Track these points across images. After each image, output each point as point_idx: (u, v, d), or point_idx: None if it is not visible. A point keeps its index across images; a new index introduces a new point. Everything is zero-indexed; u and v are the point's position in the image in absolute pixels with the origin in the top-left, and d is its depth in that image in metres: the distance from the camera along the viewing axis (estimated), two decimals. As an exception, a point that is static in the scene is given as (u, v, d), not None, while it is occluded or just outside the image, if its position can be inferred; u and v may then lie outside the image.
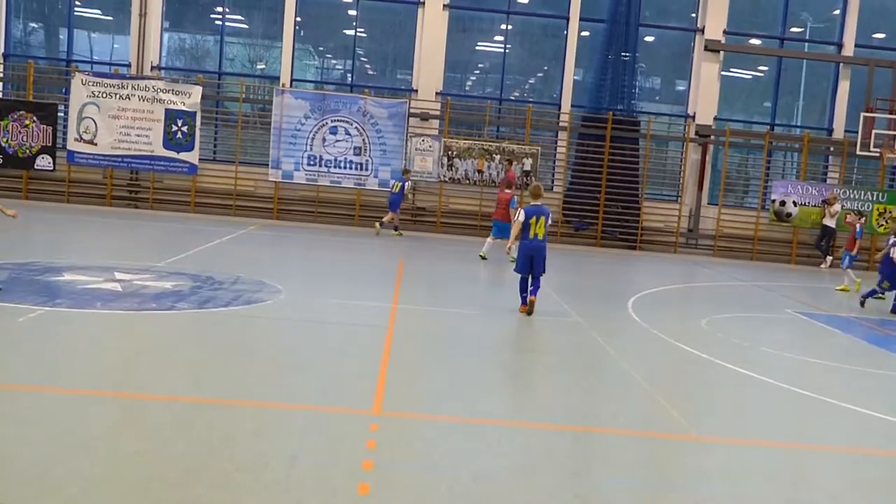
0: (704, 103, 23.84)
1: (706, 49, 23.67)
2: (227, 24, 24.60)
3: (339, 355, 8.41)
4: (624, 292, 14.49)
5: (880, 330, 12.79)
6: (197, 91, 22.21)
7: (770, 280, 18.17)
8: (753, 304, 14.69)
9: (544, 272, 11.24)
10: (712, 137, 23.78)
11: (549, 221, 11.17)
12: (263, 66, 25.50)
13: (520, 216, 11.17)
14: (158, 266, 12.72)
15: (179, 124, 22.12)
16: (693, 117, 23.93)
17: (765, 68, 25.68)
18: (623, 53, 23.45)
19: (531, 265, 11.08)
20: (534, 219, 11.02)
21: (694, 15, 24.29)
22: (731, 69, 25.25)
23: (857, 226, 17.48)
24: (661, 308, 13.51)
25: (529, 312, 11.04)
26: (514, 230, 11.43)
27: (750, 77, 26.38)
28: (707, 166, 23.78)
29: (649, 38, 25.00)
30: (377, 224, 21.06)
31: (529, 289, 11.18)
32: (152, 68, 23.25)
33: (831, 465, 6.47)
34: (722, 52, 23.93)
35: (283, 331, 9.39)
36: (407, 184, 21.02)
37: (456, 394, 7.39)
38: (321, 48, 26.20)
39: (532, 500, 5.07)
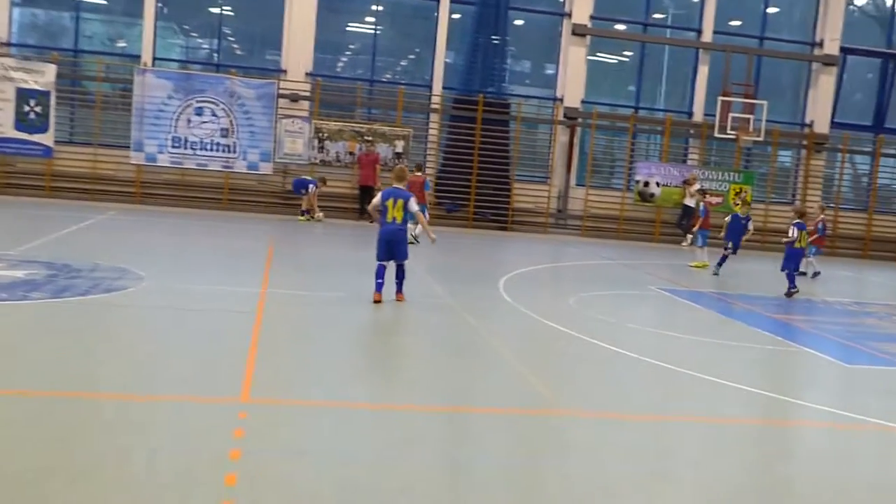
0: (572, 87, 24.30)
1: (573, 33, 24.11)
2: (83, -1, 23.46)
3: (205, 343, 8.15)
4: (495, 273, 14.64)
5: (737, 304, 13.37)
6: (51, 69, 21.09)
7: (635, 258, 18.74)
8: (619, 282, 15.11)
9: (406, 258, 10.81)
10: (580, 120, 24.29)
11: (412, 206, 10.54)
12: (125, 45, 24.44)
13: (376, 199, 10.75)
14: (10, 254, 12.01)
15: (32, 104, 20.95)
16: (561, 100, 24.37)
17: (629, 53, 26.39)
18: (493, 36, 23.63)
19: (390, 251, 10.62)
20: (391, 201, 10.46)
21: (561, 0, 24.70)
22: (598, 53, 25.83)
23: (703, 205, 18.38)
24: (532, 287, 13.73)
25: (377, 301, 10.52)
26: (372, 211, 11.09)
27: (615, 61, 27.07)
28: (575, 148, 24.28)
29: (519, 22, 25.27)
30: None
31: (395, 282, 10.72)
32: (1, 45, 21.93)
33: (692, 435, 6.69)
34: (588, 37, 24.44)
35: (146, 319, 9.03)
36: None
37: (326, 378, 7.28)
38: (186, 26, 25.32)
39: (403, 483, 5.04)
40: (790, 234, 14.80)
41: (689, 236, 22.89)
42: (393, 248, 10.60)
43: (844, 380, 9.19)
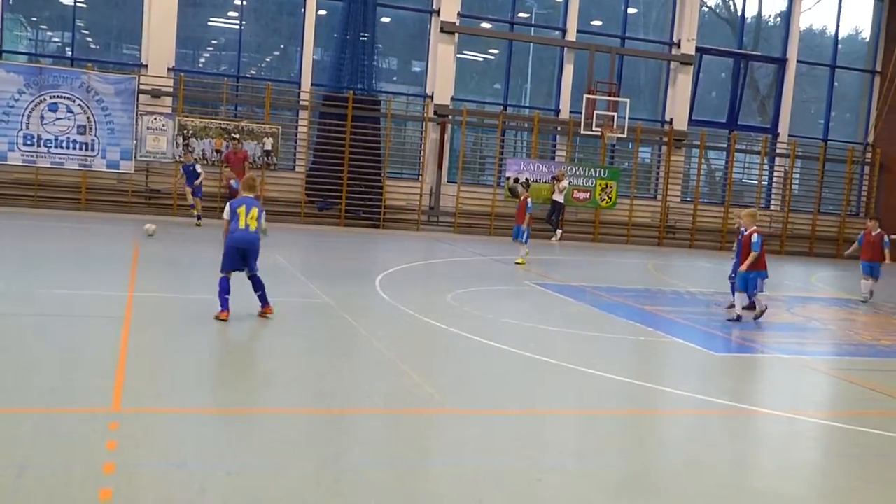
0: (441, 84, 24.40)
1: (442, 31, 24.20)
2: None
3: (69, 351, 7.69)
4: (371, 271, 14.51)
5: (607, 297, 13.70)
6: None
7: (507, 254, 18.94)
8: (494, 278, 15.24)
9: (253, 269, 9.60)
10: (450, 117, 24.42)
11: (263, 218, 9.60)
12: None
13: (225, 212, 9.55)
14: None
15: None
16: (431, 97, 24.44)
17: (496, 51, 26.72)
18: (362, 33, 23.45)
19: (243, 260, 9.50)
20: (243, 208, 9.40)
21: (429, -3, 24.77)
22: (465, 51, 26.03)
23: (529, 201, 17.30)
24: (409, 285, 13.67)
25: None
26: (224, 226, 9.65)
27: (482, 59, 27.36)
28: (446, 145, 24.40)
29: (386, 19, 25.18)
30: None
31: (256, 296, 9.61)
32: None
33: (572, 427, 6.77)
34: (457, 35, 24.59)
35: (4, 326, 8.45)
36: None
37: (202, 384, 7.00)
38: (34, 18, 24.01)
39: (291, 490, 4.87)
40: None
41: (559, 231, 23.40)
42: (248, 256, 9.49)
43: (711, 367, 9.53)
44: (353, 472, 5.27)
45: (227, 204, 9.65)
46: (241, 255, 9.46)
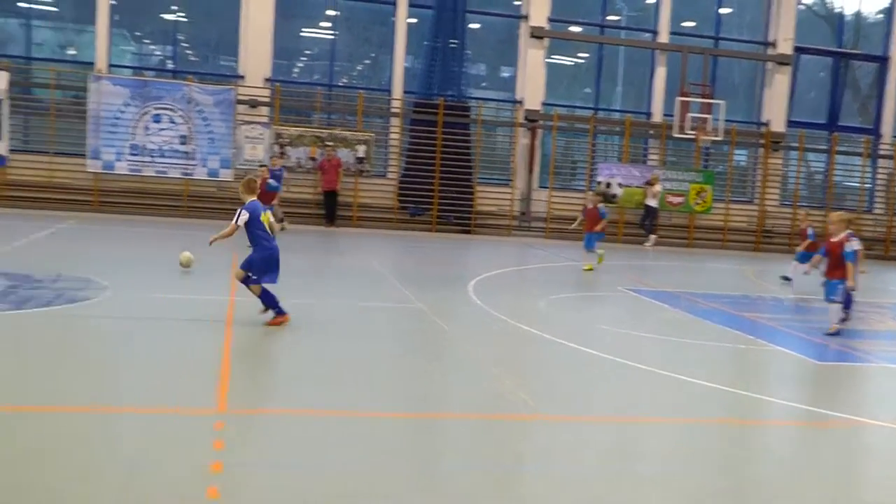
0: (531, 89, 24.37)
1: (532, 36, 24.18)
2: (33, 6, 22.98)
3: (176, 353, 7.97)
4: (463, 276, 14.58)
5: (703, 303, 13.46)
6: (3, 77, 20.62)
7: (599, 259, 18.81)
8: (587, 284, 15.14)
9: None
10: (540, 122, 24.36)
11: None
12: (75, 52, 24.01)
13: (242, 218, 9.23)
14: (-33, 266, 11.70)
15: (-16, 113, 20.49)
16: (521, 103, 24.42)
17: (586, 55, 26.54)
18: (451, 40, 23.60)
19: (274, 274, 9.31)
20: (265, 214, 9.34)
21: (518, 3, 24.75)
22: (554, 56, 25.94)
23: (601, 206, 17.11)
24: (501, 290, 13.69)
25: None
26: (229, 230, 9.39)
27: (572, 63, 27.22)
28: (536, 151, 24.35)
29: (475, 25, 25.28)
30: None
31: (247, 284, 9.34)
32: (-50, 52, 21.42)
33: (668, 435, 6.68)
34: (546, 39, 24.53)
35: (112, 330, 8.81)
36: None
37: (302, 386, 7.16)
38: (138, 33, 24.94)
39: (386, 491, 4.95)
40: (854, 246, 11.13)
41: (653, 237, 23.07)
42: (277, 267, 9.37)
43: (813, 376, 9.27)
44: (449, 476, 5.33)
45: (245, 209, 9.26)
46: (275, 264, 9.35)
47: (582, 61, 26.88)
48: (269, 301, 9.29)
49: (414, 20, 24.19)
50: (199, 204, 21.96)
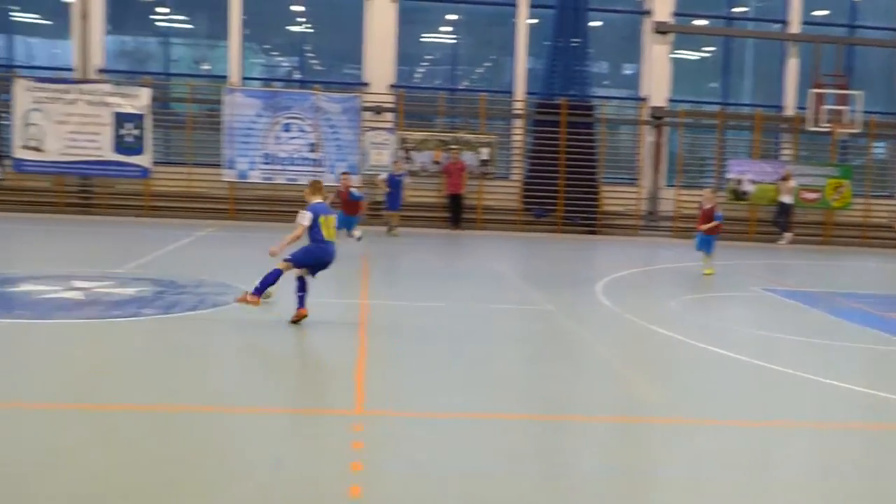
0: (656, 85, 23.95)
1: (656, 31, 23.76)
2: (171, 25, 24.10)
3: (313, 355, 8.24)
4: (591, 277, 14.46)
5: (844, 303, 12.92)
6: (145, 93, 21.72)
7: (732, 259, 18.29)
8: (719, 284, 14.76)
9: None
10: (666, 119, 23.90)
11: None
12: (209, 67, 25.06)
13: (307, 218, 9.26)
14: (118, 272, 12.38)
15: (128, 128, 21.60)
16: (646, 100, 24.02)
17: (712, 48, 25.88)
18: (573, 39, 23.43)
19: (323, 268, 9.50)
20: (323, 218, 9.35)
21: (641, -2, 24.38)
22: (679, 51, 25.39)
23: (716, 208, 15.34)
24: (630, 291, 13.51)
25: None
26: (299, 233, 9.39)
27: (698, 58, 26.58)
28: (662, 148, 23.91)
29: (597, 23, 25.00)
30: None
31: (298, 294, 9.38)
32: (97, 72, 22.70)
33: (811, 441, 6.46)
34: (671, 34, 24.04)
35: (253, 333, 9.15)
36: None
37: (436, 389, 7.26)
38: (266, 46, 25.81)
39: (525, 494, 4.97)
40: None
41: (788, 234, 22.29)
42: (327, 267, 9.53)
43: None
44: (586, 479, 5.31)
45: (310, 210, 9.34)
46: (324, 265, 9.47)
47: (708, 55, 26.22)
48: (266, 281, 9.31)
49: (535, 20, 24.14)
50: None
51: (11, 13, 23.50)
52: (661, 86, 24.00)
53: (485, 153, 22.70)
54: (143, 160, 21.76)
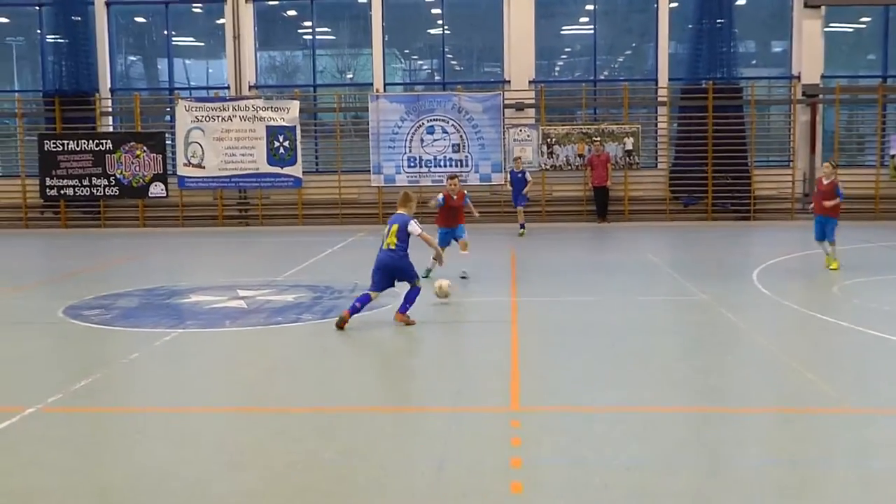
0: (809, 62, 22.93)
1: (806, 6, 22.75)
2: (316, 38, 24.95)
3: (467, 354, 8.37)
4: (746, 265, 14.04)
5: None
6: (295, 106, 22.60)
7: (898, 239, 17.37)
8: (884, 266, 14.02)
9: (410, 282, 9.67)
10: (820, 96, 22.85)
11: (410, 230, 9.43)
12: (352, 75, 25.79)
13: (412, 226, 9.51)
14: (277, 280, 12.97)
15: (281, 140, 22.56)
16: (798, 78, 23.04)
17: (867, 19, 24.52)
18: (717, 20, 22.73)
19: (389, 279, 9.62)
20: (386, 227, 9.64)
21: (790, -28, 23.39)
22: (832, 24, 24.19)
23: (839, 185, 13.52)
24: (788, 278, 13.02)
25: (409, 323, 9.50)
26: (432, 242, 10.15)
27: (852, 30, 25.24)
28: (817, 127, 22.87)
29: (741, 2, 24.16)
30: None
31: (405, 300, 9.59)
32: (250, 88, 23.79)
33: None
34: (823, 7, 22.95)
35: (408, 334, 9.38)
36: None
37: (590, 383, 7.25)
38: (406, 50, 26.32)
39: (690, 486, 4.91)
40: None
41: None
42: (392, 275, 9.58)
43: None
44: (752, 471, 5.18)
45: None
46: (383, 275, 9.51)
47: (863, 26, 24.86)
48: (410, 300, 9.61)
49: (675, 4, 23.60)
50: (477, 208, 22.68)
51: (172, 38, 24.94)
52: (814, 62, 22.97)
53: (629, 143, 22.37)
54: (296, 170, 22.65)
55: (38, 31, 24.85)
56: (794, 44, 23.38)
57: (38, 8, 24.57)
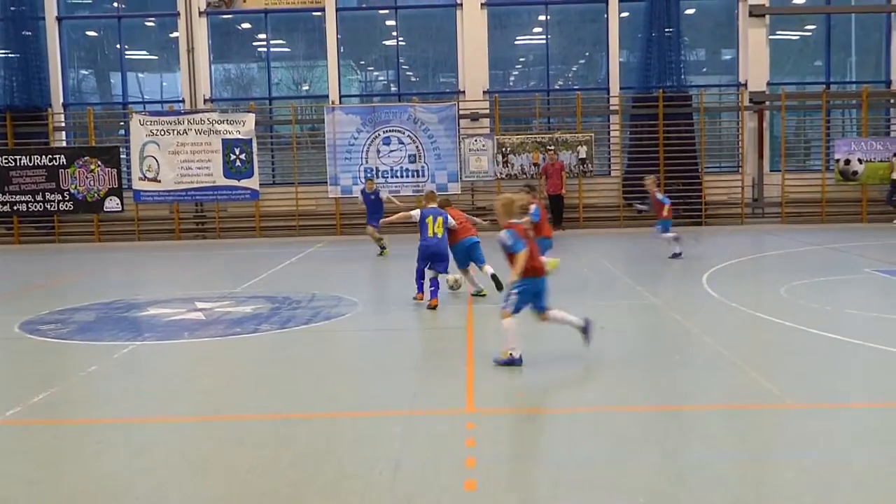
0: (755, 70, 23.51)
1: (751, 15, 23.33)
2: (271, 49, 25.00)
3: (424, 359, 8.52)
4: (696, 269, 14.37)
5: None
6: (250, 118, 22.63)
7: (843, 241, 17.84)
8: (830, 267, 14.43)
9: (445, 271, 11.39)
10: (767, 103, 23.42)
11: (448, 223, 11.35)
12: (307, 87, 25.87)
13: (416, 215, 11.42)
14: (236, 292, 13.02)
15: (237, 153, 22.58)
16: (745, 85, 23.60)
17: (812, 27, 25.21)
18: (666, 29, 23.22)
19: (432, 261, 11.21)
20: (430, 217, 11.23)
21: (734, -18, 23.97)
22: (778, 32, 24.83)
23: (657, 192, 16.06)
24: (737, 280, 13.38)
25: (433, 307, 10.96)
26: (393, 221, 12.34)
27: (797, 38, 25.92)
28: (765, 133, 23.43)
29: (690, 11, 24.70)
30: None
31: (430, 287, 11.15)
32: (205, 101, 23.77)
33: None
34: (768, 16, 23.55)
35: (366, 342, 9.53)
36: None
37: (543, 385, 7.45)
38: (362, 62, 26.47)
39: (636, 482, 5.11)
40: None
41: (902, 212, 21.53)
42: (436, 259, 11.17)
43: None
44: (697, 465, 5.40)
45: (419, 211, 11.47)
46: (430, 257, 11.17)
47: (808, 34, 25.55)
48: (416, 276, 11.43)
49: (626, 14, 24.06)
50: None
51: (125, 53, 24.83)
52: (760, 69, 23.56)
53: (583, 151, 22.73)
54: (253, 183, 22.68)
55: (-11, 46, 24.62)
56: (740, 52, 23.96)
57: (-13, 23, 24.35)
